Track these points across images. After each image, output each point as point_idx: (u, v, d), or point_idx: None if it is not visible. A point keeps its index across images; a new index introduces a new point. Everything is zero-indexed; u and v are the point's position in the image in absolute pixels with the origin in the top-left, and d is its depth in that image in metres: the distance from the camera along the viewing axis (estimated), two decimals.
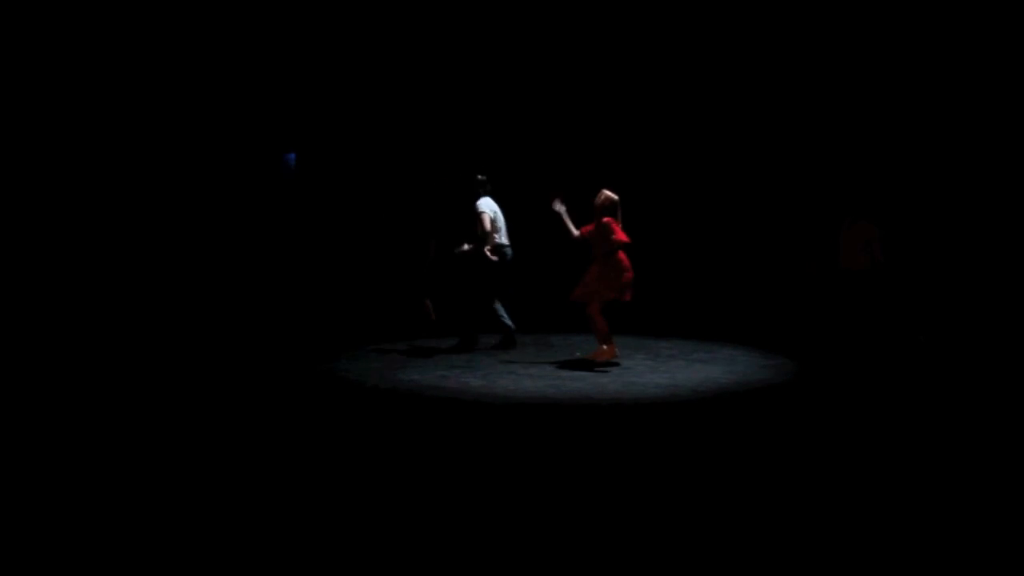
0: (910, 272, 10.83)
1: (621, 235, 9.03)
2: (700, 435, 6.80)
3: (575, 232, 9.32)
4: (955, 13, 12.02)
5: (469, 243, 10.05)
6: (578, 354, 9.77)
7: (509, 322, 9.99)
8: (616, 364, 9.22)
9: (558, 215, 9.33)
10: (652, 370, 8.98)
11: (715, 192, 13.30)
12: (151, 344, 10.42)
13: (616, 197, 9.16)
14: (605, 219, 9.04)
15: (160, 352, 9.91)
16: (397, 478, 5.66)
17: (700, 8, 13.20)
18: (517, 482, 5.57)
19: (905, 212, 11.45)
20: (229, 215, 14.00)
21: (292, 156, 14.70)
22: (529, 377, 8.69)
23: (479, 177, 10.10)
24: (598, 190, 9.32)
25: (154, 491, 5.41)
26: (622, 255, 9.09)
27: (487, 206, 9.96)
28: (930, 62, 12.27)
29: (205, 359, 9.58)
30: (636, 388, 8.26)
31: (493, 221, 9.87)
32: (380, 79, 14.12)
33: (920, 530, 4.82)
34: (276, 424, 7.02)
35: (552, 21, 13.45)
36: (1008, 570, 4.40)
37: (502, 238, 9.97)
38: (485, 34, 13.64)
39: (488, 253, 9.74)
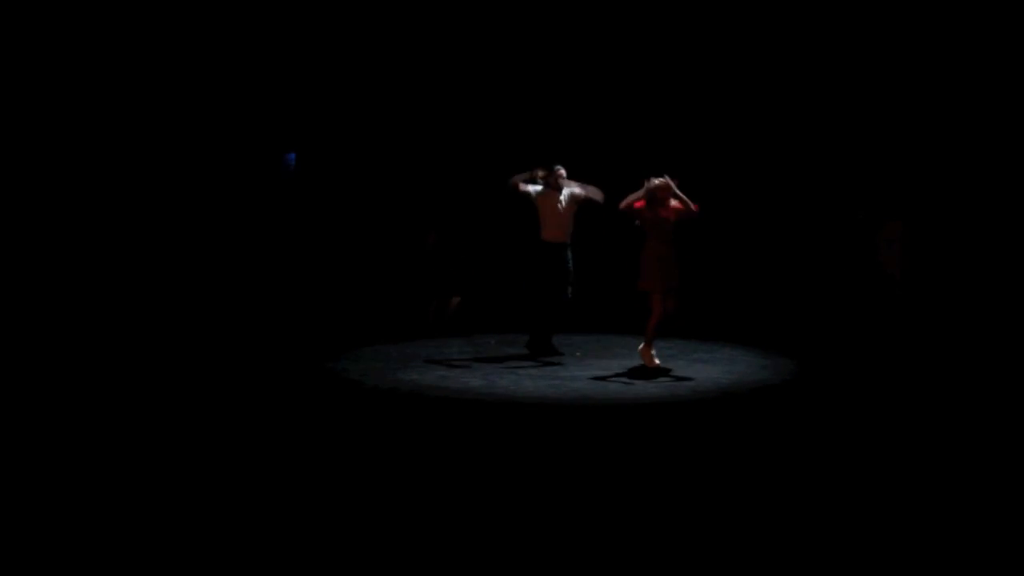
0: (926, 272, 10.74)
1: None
2: (700, 435, 6.80)
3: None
4: (968, 16, 11.94)
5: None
6: (578, 354, 9.77)
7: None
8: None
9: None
10: (652, 370, 8.98)
11: (715, 192, 13.28)
12: (152, 343, 10.41)
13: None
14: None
15: (160, 352, 9.91)
16: (397, 478, 5.66)
17: (713, 7, 13.16)
18: (517, 482, 5.56)
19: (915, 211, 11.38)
20: (229, 215, 13.99)
21: (292, 156, 14.70)
22: (529, 377, 8.69)
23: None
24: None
25: (154, 490, 5.41)
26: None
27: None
28: (931, 63, 12.24)
29: (205, 359, 9.58)
30: (636, 388, 8.26)
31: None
32: (380, 79, 14.11)
33: (920, 529, 4.82)
34: (276, 424, 7.01)
35: (552, 18, 13.44)
36: (1008, 570, 4.40)
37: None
38: (485, 32, 13.63)
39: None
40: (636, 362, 9.30)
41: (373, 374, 8.82)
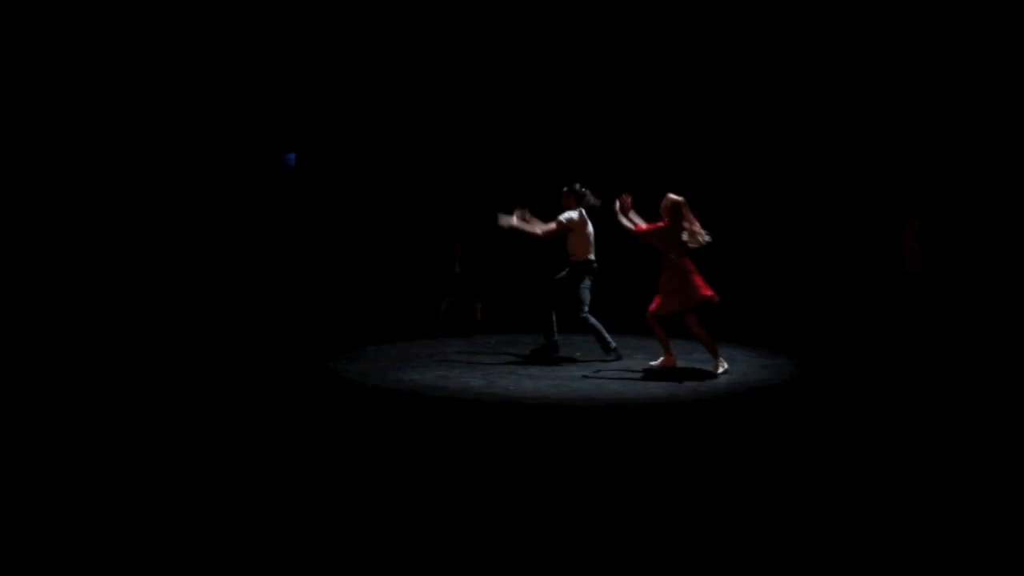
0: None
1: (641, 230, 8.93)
2: (700, 435, 6.79)
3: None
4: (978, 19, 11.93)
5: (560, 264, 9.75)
6: (578, 354, 9.77)
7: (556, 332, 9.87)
8: (613, 360, 9.38)
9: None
10: (652, 370, 8.98)
11: (716, 192, 13.30)
12: (152, 343, 10.42)
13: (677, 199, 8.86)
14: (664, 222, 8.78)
15: (161, 351, 9.91)
16: (397, 478, 5.66)
17: (713, 11, 13.17)
18: (517, 482, 5.57)
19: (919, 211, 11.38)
20: (229, 215, 14.01)
21: (292, 156, 14.72)
22: (529, 377, 8.69)
23: (576, 187, 9.65)
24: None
25: (154, 490, 5.41)
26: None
27: (574, 215, 9.56)
28: (942, 65, 12.23)
29: (206, 358, 9.59)
30: (636, 388, 8.26)
31: (571, 231, 9.52)
32: (380, 79, 14.13)
33: (920, 529, 4.82)
34: (276, 424, 7.02)
35: (558, 18, 13.44)
36: (1008, 570, 4.40)
37: (591, 253, 9.62)
38: (487, 31, 13.63)
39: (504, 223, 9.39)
40: (636, 362, 9.32)
41: (373, 374, 8.82)
